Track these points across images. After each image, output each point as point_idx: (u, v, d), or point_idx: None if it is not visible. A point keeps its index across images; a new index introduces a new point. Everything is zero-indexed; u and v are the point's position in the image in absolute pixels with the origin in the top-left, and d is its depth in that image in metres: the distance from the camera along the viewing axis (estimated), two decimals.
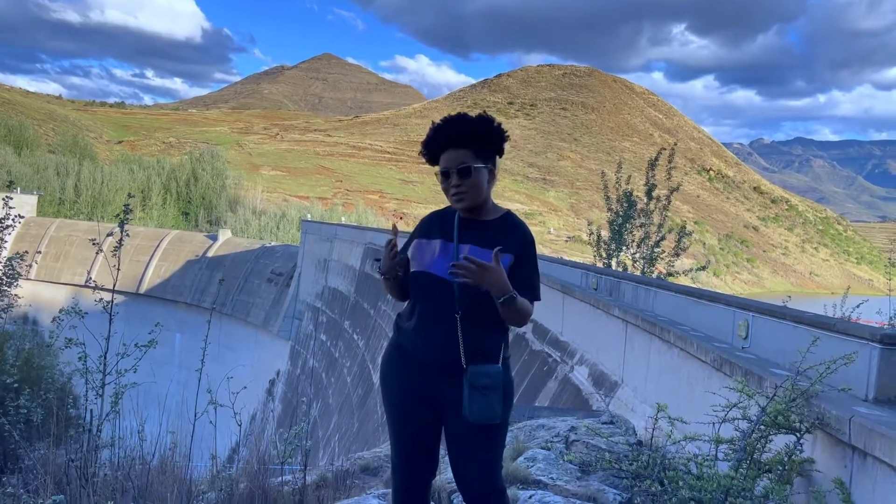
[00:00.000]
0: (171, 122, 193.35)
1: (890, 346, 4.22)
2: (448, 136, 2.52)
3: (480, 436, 2.43)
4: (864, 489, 3.36)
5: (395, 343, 2.60)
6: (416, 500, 2.63)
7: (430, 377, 2.46)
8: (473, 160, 2.49)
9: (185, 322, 46.53)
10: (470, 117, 2.55)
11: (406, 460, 2.58)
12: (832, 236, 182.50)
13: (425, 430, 2.53)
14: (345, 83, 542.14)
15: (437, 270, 2.48)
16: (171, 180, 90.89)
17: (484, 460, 2.45)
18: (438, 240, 2.56)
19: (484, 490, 2.44)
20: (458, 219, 2.56)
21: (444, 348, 2.40)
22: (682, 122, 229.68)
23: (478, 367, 2.38)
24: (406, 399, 2.52)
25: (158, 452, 4.26)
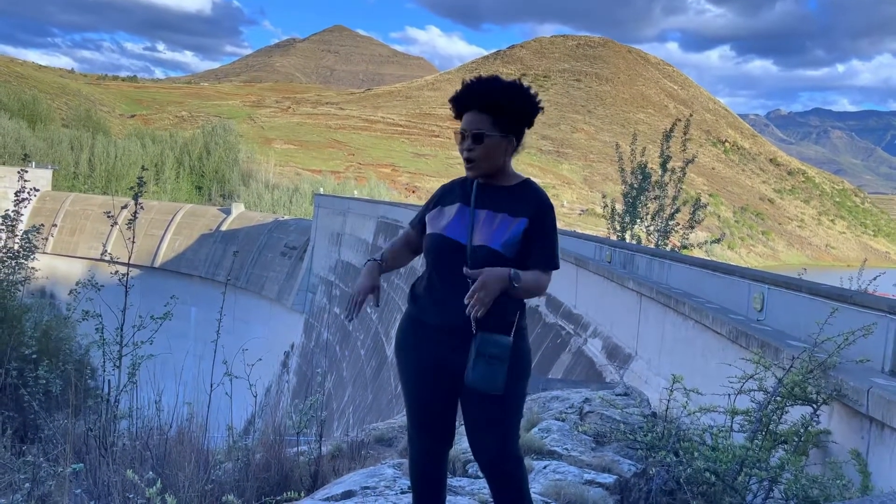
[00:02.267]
0: (182, 95, 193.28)
1: None
2: (472, 98, 2.44)
3: (495, 403, 2.39)
4: (881, 459, 3.35)
5: (409, 312, 2.58)
6: (434, 471, 2.63)
7: (444, 343, 2.43)
8: (490, 128, 2.42)
9: (199, 296, 46.88)
10: (501, 82, 2.46)
11: (423, 430, 2.57)
12: (849, 208, 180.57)
13: (441, 399, 2.50)
14: (356, 55, 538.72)
15: (451, 233, 2.46)
16: (183, 154, 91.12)
17: (499, 428, 2.42)
18: (457, 204, 2.54)
19: (500, 457, 2.42)
20: (476, 184, 2.53)
21: (456, 311, 2.32)
22: (698, 93, 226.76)
23: (488, 334, 2.33)
24: (421, 368, 2.49)
25: (176, 423, 4.30)
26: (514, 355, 2.38)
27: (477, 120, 2.42)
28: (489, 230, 2.44)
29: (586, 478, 3.30)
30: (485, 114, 2.42)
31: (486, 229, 2.44)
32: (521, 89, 2.45)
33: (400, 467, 3.54)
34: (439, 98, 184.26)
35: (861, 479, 3.37)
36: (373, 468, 3.59)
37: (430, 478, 2.63)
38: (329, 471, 4.43)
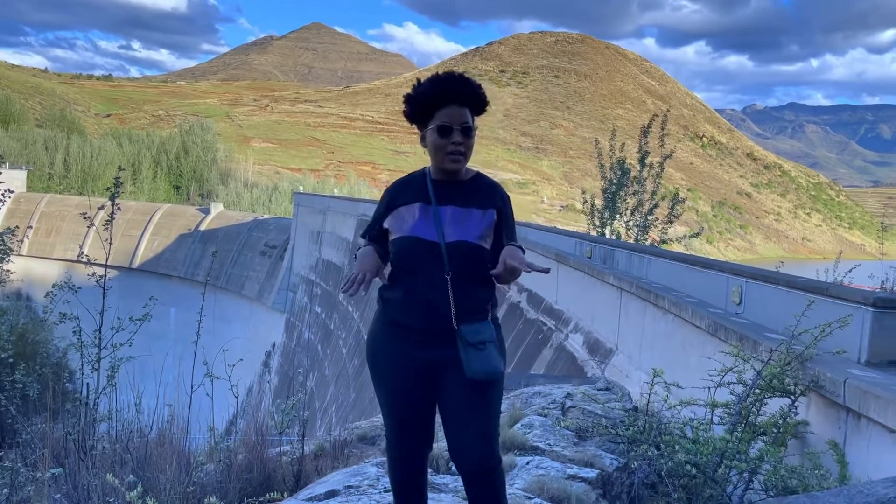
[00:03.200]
0: (159, 94, 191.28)
1: (883, 309, 4.25)
2: (452, 92, 2.44)
3: (477, 400, 2.38)
4: (858, 449, 3.40)
5: (381, 316, 2.53)
6: (415, 475, 2.60)
7: (424, 345, 2.41)
8: (472, 121, 2.47)
9: (179, 296, 46.46)
10: (468, 77, 2.51)
11: (402, 434, 2.54)
12: (824, 202, 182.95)
13: (420, 402, 2.48)
14: (335, 53, 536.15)
15: (420, 233, 2.43)
16: (161, 154, 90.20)
17: (481, 427, 2.40)
18: (416, 204, 2.49)
19: (485, 456, 2.37)
20: (432, 181, 2.51)
21: (435, 312, 2.36)
22: (675, 88, 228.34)
23: (469, 325, 2.36)
24: (399, 372, 2.45)
25: (156, 425, 4.26)
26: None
27: (461, 113, 2.44)
28: (462, 225, 2.45)
29: (569, 473, 3.31)
30: (465, 107, 2.45)
31: (459, 225, 2.45)
32: (478, 84, 2.53)
33: (383, 466, 3.54)
34: None
35: (839, 468, 3.42)
36: (356, 467, 3.58)
37: (412, 482, 2.61)
38: (312, 470, 4.42)
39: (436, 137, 2.44)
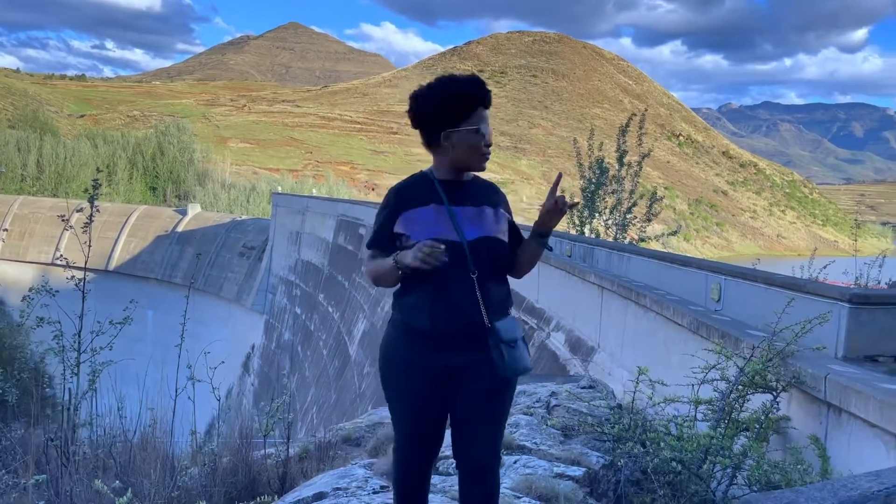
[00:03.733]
0: (134, 94, 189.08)
1: (858, 305, 4.32)
2: (486, 95, 2.47)
3: (494, 403, 2.41)
4: (839, 444, 3.45)
5: (399, 324, 2.46)
6: (422, 481, 2.60)
7: (446, 350, 2.38)
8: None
9: (156, 298, 46.00)
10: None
11: (415, 442, 2.52)
12: (799, 199, 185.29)
13: (437, 410, 2.46)
14: (312, 53, 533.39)
15: (442, 234, 2.39)
16: (136, 154, 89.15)
17: (493, 429, 2.44)
18: (429, 206, 2.45)
19: (491, 457, 2.43)
20: (440, 182, 2.49)
21: (464, 313, 2.34)
22: (652, 87, 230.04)
23: (501, 322, 2.37)
24: (420, 379, 2.41)
25: (139, 430, 4.22)
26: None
27: (487, 116, 2.48)
28: (480, 223, 2.47)
29: (556, 471, 3.33)
30: (487, 110, 2.50)
31: (477, 222, 2.47)
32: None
33: (371, 467, 3.53)
34: (397, 95, 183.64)
35: (820, 463, 3.47)
36: (343, 469, 3.57)
37: (419, 488, 2.60)
38: (297, 473, 4.40)
39: (472, 138, 2.43)
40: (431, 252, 2.25)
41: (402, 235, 2.44)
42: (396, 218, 2.46)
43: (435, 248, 2.25)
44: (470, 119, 2.42)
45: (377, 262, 2.47)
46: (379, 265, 2.46)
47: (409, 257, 2.30)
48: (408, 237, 2.42)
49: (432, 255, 2.25)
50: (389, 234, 2.48)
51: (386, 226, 2.49)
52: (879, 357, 4.43)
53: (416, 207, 2.46)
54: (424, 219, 2.43)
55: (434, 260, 2.25)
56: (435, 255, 2.25)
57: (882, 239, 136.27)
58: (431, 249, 2.25)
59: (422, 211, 2.45)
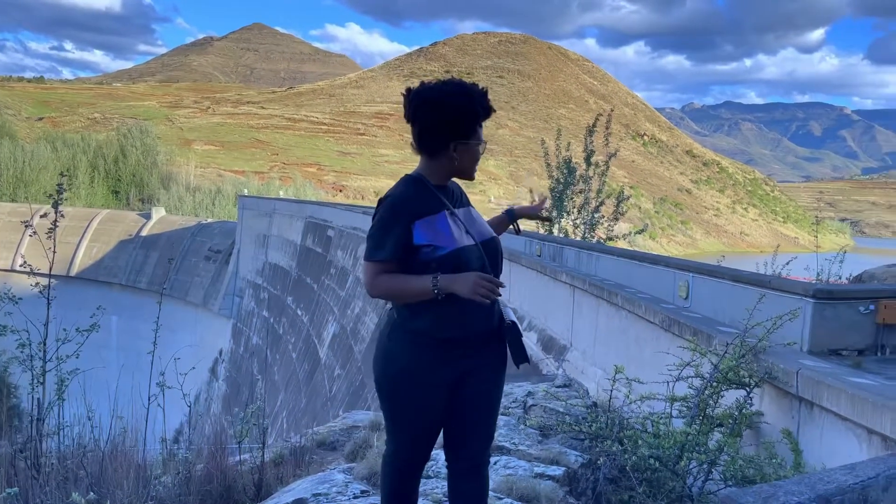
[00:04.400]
0: (94, 96, 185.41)
1: (822, 300, 4.41)
2: (491, 107, 2.47)
3: (492, 402, 2.50)
4: (811, 438, 3.52)
5: (411, 330, 2.39)
6: (415, 484, 2.60)
7: (461, 355, 2.39)
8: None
9: (120, 304, 45.17)
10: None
11: (415, 448, 2.50)
12: (760, 197, 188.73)
13: (441, 415, 2.46)
14: (277, 54, 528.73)
15: (466, 240, 2.43)
16: (98, 158, 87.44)
17: (488, 428, 2.53)
18: (441, 213, 2.43)
19: (485, 455, 2.50)
20: (436, 188, 2.49)
21: (488, 316, 2.41)
22: (617, 88, 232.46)
23: (511, 320, 2.49)
24: (433, 385, 2.38)
25: (109, 439, 4.13)
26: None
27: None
28: (480, 223, 2.56)
29: (536, 471, 3.35)
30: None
31: (479, 223, 2.55)
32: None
33: (350, 472, 3.50)
34: (363, 95, 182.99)
35: (793, 456, 3.54)
36: (322, 474, 3.54)
37: (411, 491, 2.60)
38: (273, 479, 4.35)
39: (476, 152, 2.47)
40: (493, 290, 2.24)
41: (428, 247, 2.36)
42: (411, 228, 2.38)
43: (495, 283, 2.25)
44: (478, 133, 2.46)
45: (401, 281, 2.36)
46: (406, 285, 2.35)
47: (462, 288, 2.24)
48: (436, 248, 2.36)
49: (494, 293, 2.24)
50: (406, 246, 2.38)
51: (403, 237, 2.37)
52: (843, 351, 4.53)
53: (430, 215, 2.41)
54: (444, 227, 2.40)
55: (494, 295, 2.24)
56: (495, 293, 2.25)
57: (840, 235, 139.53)
58: (493, 287, 2.24)
59: (438, 218, 2.42)
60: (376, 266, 2.39)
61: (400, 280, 2.37)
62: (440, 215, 2.42)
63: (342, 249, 28.55)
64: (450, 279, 2.28)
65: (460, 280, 2.25)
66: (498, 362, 2.52)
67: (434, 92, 2.40)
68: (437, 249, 2.36)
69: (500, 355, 2.51)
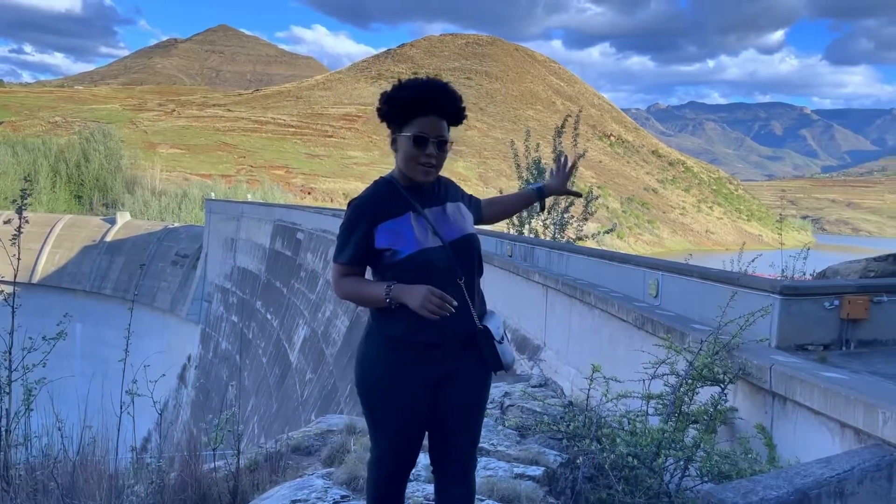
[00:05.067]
0: (55, 100, 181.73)
1: (789, 296, 4.49)
2: (434, 102, 2.36)
3: (476, 406, 2.46)
4: (784, 432, 3.57)
5: (386, 339, 2.37)
6: (402, 494, 2.57)
7: (437, 360, 2.36)
8: (447, 133, 2.43)
9: (85, 311, 44.33)
10: (452, 88, 2.46)
11: (402, 454, 2.47)
12: (725, 195, 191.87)
13: (424, 420, 2.43)
14: (243, 56, 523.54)
15: (428, 243, 2.36)
16: (59, 162, 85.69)
17: (475, 432, 2.48)
18: (407, 214, 2.39)
19: (470, 463, 2.46)
20: (406, 189, 2.44)
21: (460, 320, 2.31)
22: (583, 89, 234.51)
23: (490, 321, 2.41)
24: (413, 391, 2.36)
25: (80, 448, 4.04)
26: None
27: (439, 126, 2.38)
28: (455, 221, 2.48)
29: (516, 472, 3.35)
30: (444, 120, 2.40)
31: (453, 221, 2.47)
32: (459, 96, 2.50)
33: (329, 477, 3.47)
34: (331, 97, 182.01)
35: (767, 451, 3.59)
36: (300, 480, 3.50)
37: (397, 499, 2.57)
38: (249, 486, 4.29)
39: (410, 147, 2.36)
40: (442, 306, 2.19)
41: (388, 251, 2.35)
42: (373, 231, 2.37)
43: (445, 300, 2.20)
44: (411, 125, 2.35)
45: (359, 286, 2.37)
46: (363, 291, 2.35)
47: (412, 301, 2.21)
48: (396, 252, 2.34)
49: (443, 309, 2.19)
50: (367, 249, 2.37)
51: (364, 241, 2.37)
52: (809, 346, 4.62)
53: (394, 218, 2.38)
54: (406, 229, 2.37)
55: (444, 312, 2.19)
56: (445, 309, 2.20)
57: (803, 232, 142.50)
58: (442, 303, 2.19)
59: (401, 222, 2.38)
60: (340, 268, 2.41)
61: (360, 285, 2.38)
62: (404, 217, 2.38)
63: (312, 252, 28.35)
64: (401, 289, 2.26)
65: (411, 292, 2.23)
66: (479, 366, 2.46)
67: (394, 86, 2.42)
68: (396, 254, 2.34)
69: (482, 358, 2.46)
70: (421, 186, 2.46)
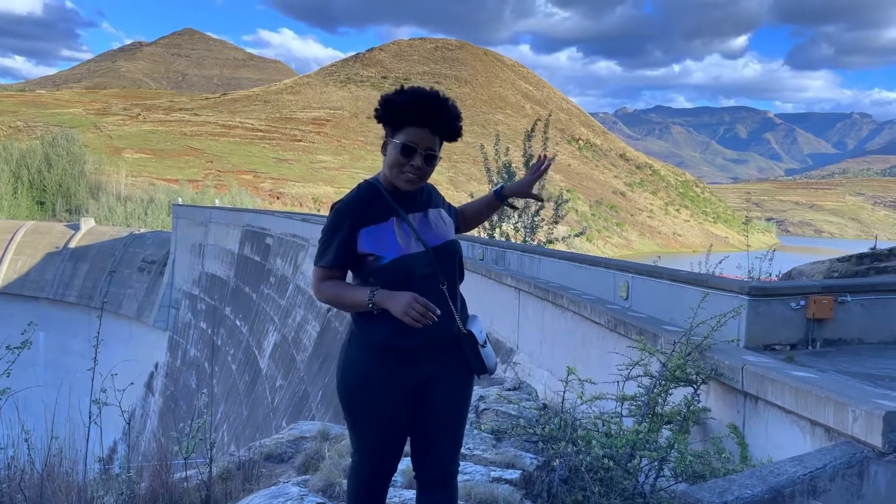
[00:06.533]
0: (16, 104, 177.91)
1: (757, 297, 4.56)
2: (429, 115, 2.35)
3: (459, 411, 2.46)
4: (756, 431, 3.62)
5: (368, 343, 2.35)
6: (383, 497, 2.55)
7: (419, 364, 2.35)
8: (439, 149, 2.44)
9: (48, 319, 43.39)
10: (451, 103, 2.45)
11: (384, 459, 2.45)
12: (691, 198, 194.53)
13: (405, 420, 2.41)
14: (209, 59, 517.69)
15: (411, 249, 2.35)
16: (21, 167, 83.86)
17: (457, 436, 2.48)
18: (390, 220, 2.37)
19: (453, 468, 2.45)
20: (389, 193, 2.42)
21: (443, 325, 2.29)
22: (552, 93, 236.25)
23: (473, 325, 2.42)
24: (396, 395, 2.34)
25: (46, 460, 3.95)
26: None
27: (430, 140, 2.38)
28: (438, 227, 2.48)
29: (493, 475, 3.34)
30: (437, 135, 2.40)
31: (435, 227, 2.47)
32: (458, 114, 2.50)
33: (305, 484, 3.43)
34: (300, 101, 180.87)
35: (739, 450, 3.64)
36: (276, 488, 3.45)
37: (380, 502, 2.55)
38: (221, 495, 4.23)
39: (397, 154, 2.35)
40: (425, 314, 2.18)
41: (371, 255, 2.34)
42: (356, 236, 2.35)
43: (429, 308, 2.19)
44: (402, 132, 2.35)
45: (341, 290, 2.35)
46: (345, 295, 2.33)
47: (395, 307, 2.21)
48: (379, 257, 2.33)
49: (426, 317, 2.19)
50: (349, 253, 2.36)
51: (346, 245, 2.35)
52: (776, 345, 4.70)
53: (378, 223, 2.37)
54: (389, 235, 2.36)
55: (427, 320, 2.19)
56: (428, 317, 2.19)
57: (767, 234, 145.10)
58: (426, 311, 2.18)
59: (384, 226, 2.37)
60: (321, 272, 2.39)
61: (342, 289, 2.36)
62: (388, 222, 2.38)
63: (281, 257, 28.11)
64: (385, 295, 2.26)
65: (394, 298, 2.23)
66: (462, 370, 2.46)
67: (396, 90, 2.42)
68: (378, 259, 2.33)
69: (464, 363, 2.45)
70: (405, 193, 2.45)
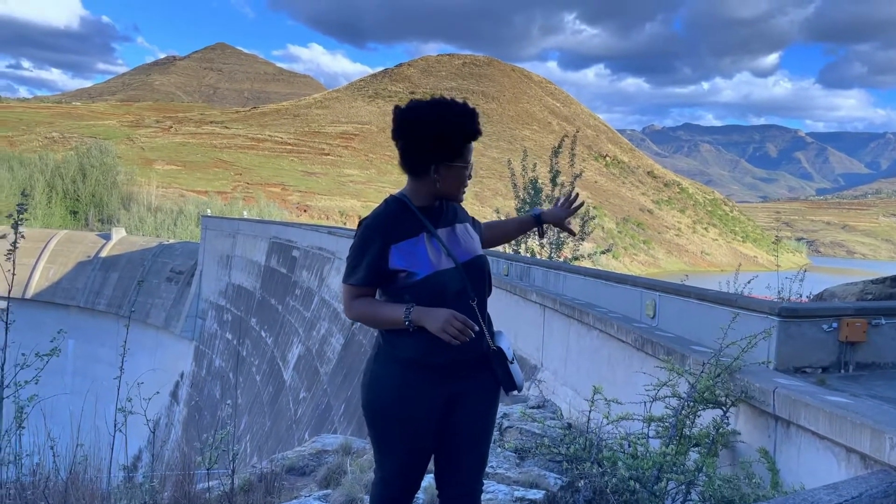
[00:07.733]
0: (53, 115, 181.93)
1: (787, 318, 4.46)
2: (477, 129, 2.38)
3: (485, 428, 2.45)
4: (788, 456, 3.52)
5: (397, 360, 2.34)
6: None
7: (449, 380, 2.33)
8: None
9: (78, 327, 44.13)
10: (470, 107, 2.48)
11: (407, 473, 2.43)
12: (720, 217, 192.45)
13: (431, 437, 2.40)
14: (241, 73, 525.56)
15: (443, 265, 2.34)
16: (56, 177, 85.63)
17: (482, 454, 2.46)
18: (420, 235, 2.36)
19: (477, 487, 2.43)
20: (420, 210, 2.42)
21: (474, 342, 2.27)
22: (579, 109, 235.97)
23: (502, 342, 2.40)
24: (423, 415, 2.33)
25: (70, 467, 3.97)
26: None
27: (472, 150, 2.44)
28: (466, 242, 2.47)
29: (516, 495, 3.30)
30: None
31: (463, 242, 2.46)
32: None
33: (326, 499, 3.41)
34: (328, 116, 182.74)
35: (770, 476, 3.54)
36: (296, 501, 3.44)
37: None
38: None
39: (461, 174, 2.39)
40: (464, 331, 2.19)
41: (403, 272, 2.32)
42: (387, 252, 2.33)
43: (467, 324, 2.19)
44: (463, 155, 2.37)
45: (374, 307, 2.34)
46: (378, 313, 2.33)
47: (433, 324, 2.20)
48: (411, 273, 2.32)
49: (464, 333, 2.19)
50: (380, 269, 2.34)
51: (376, 262, 2.34)
52: (807, 368, 4.59)
53: (408, 239, 2.36)
54: (421, 251, 2.35)
55: (465, 337, 2.19)
56: (466, 334, 2.19)
57: (797, 254, 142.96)
58: (464, 327, 2.19)
59: (415, 242, 2.36)
60: (352, 290, 2.37)
61: (375, 306, 2.35)
62: (418, 238, 2.37)
63: (307, 270, 28.28)
64: (422, 312, 2.25)
65: (432, 315, 2.22)
66: (490, 387, 2.44)
67: (418, 112, 2.34)
68: (411, 275, 2.32)
69: (491, 380, 2.44)
70: (431, 207, 2.45)
